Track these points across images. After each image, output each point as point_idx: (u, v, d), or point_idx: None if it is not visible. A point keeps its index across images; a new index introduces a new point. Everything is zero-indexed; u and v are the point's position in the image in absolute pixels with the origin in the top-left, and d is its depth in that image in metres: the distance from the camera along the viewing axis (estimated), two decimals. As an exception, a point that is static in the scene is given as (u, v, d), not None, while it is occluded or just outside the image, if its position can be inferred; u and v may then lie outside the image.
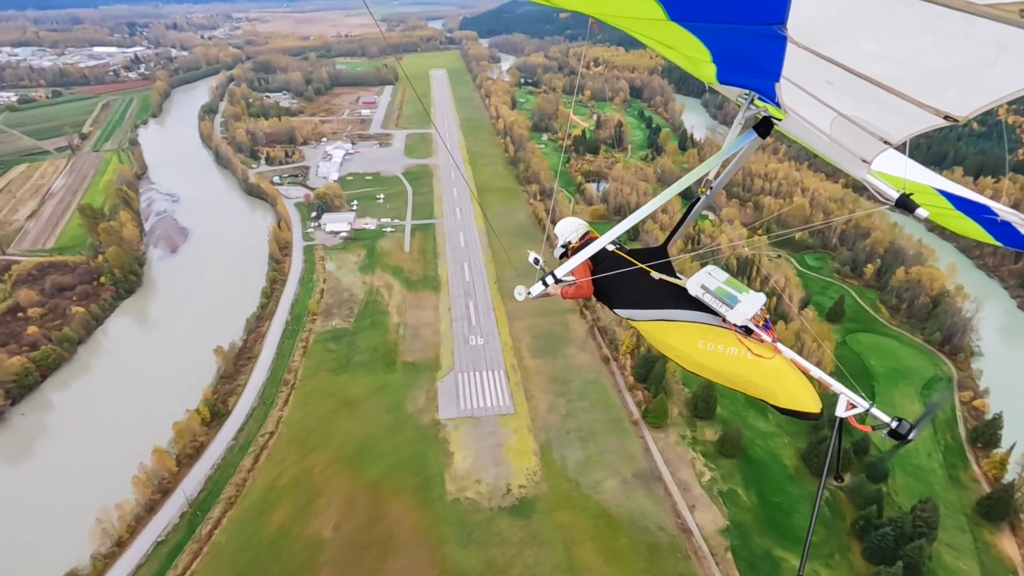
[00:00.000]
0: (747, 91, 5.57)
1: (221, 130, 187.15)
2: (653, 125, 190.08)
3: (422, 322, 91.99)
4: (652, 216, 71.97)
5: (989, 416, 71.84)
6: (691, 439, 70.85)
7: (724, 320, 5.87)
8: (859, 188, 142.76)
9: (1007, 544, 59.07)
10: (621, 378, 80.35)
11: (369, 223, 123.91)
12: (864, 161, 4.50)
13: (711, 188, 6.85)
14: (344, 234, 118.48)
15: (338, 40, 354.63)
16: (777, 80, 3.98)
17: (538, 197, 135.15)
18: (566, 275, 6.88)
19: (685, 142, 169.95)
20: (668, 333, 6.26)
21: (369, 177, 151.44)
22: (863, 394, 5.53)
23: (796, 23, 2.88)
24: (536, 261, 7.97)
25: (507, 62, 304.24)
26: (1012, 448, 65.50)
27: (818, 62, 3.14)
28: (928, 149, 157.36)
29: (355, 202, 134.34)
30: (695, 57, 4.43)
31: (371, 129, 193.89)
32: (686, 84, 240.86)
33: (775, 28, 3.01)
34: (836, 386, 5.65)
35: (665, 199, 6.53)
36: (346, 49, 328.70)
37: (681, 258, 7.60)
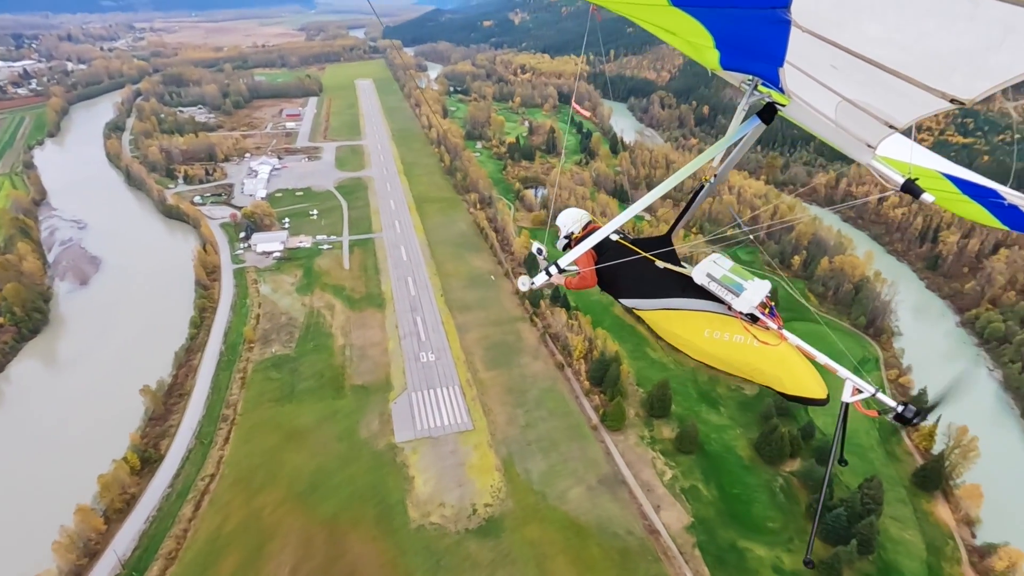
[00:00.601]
0: (750, 77, 5.46)
1: (131, 148, 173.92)
2: (584, 130, 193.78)
3: (369, 342, 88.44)
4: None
5: (914, 392, 77.34)
6: (650, 439, 71.77)
7: (730, 308, 5.82)
8: (780, 184, 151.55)
9: (942, 511, 63.48)
10: (576, 384, 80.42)
11: (304, 241, 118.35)
12: (869, 146, 4.47)
13: (715, 176, 6.74)
14: (277, 254, 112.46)
15: (255, 50, 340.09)
16: (781, 65, 3.91)
17: (478, 206, 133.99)
18: (569, 265, 6.81)
19: (616, 146, 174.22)
20: (674, 322, 6.23)
21: (300, 192, 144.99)
22: (869, 380, 5.50)
23: (800, 7, 2.89)
24: (539, 251, 7.86)
25: (435, 70, 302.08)
26: (938, 421, 70.59)
27: (822, 46, 3.10)
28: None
29: (287, 220, 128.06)
30: (697, 43, 4.37)
31: (298, 142, 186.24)
32: (612, 89, 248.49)
33: (778, 12, 3.00)
34: (842, 372, 5.60)
35: (666, 189, 6.34)
36: (264, 60, 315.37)
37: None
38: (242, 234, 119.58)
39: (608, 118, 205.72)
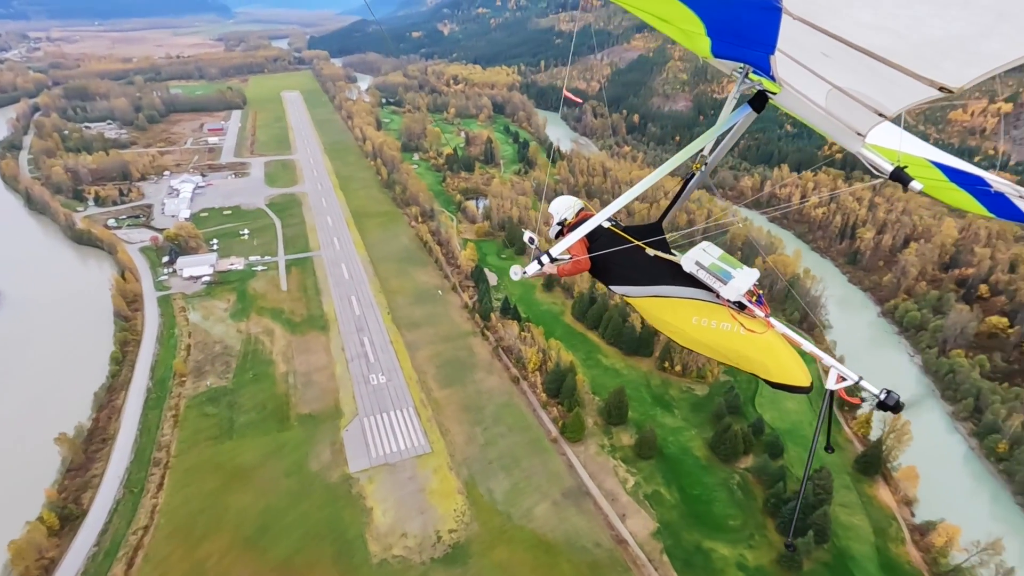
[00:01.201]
0: (741, 64, 5.45)
1: (30, 169, 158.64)
2: (521, 140, 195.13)
3: (314, 367, 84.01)
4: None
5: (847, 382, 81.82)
6: (610, 447, 71.97)
7: (718, 296, 5.87)
8: (720, 189, 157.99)
9: (883, 493, 67.29)
10: (533, 396, 79.69)
11: (235, 263, 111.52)
12: (859, 134, 4.49)
13: (706, 164, 6.78)
14: (207, 278, 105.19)
15: (169, 61, 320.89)
16: (772, 53, 3.91)
17: (420, 219, 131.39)
18: (562, 254, 6.69)
19: (553, 155, 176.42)
20: (663, 309, 6.25)
21: (228, 211, 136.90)
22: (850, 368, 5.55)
23: None
24: (531, 240, 7.83)
25: (364, 82, 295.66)
26: (872, 409, 75.07)
27: (813, 34, 3.09)
28: (757, 150, 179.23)
29: (215, 241, 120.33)
30: (690, 30, 4.35)
31: (222, 158, 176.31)
32: (544, 99, 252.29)
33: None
34: (827, 359, 5.65)
35: (658, 177, 6.33)
36: (180, 71, 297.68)
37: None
38: (166, 258, 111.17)
39: (544, 127, 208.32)
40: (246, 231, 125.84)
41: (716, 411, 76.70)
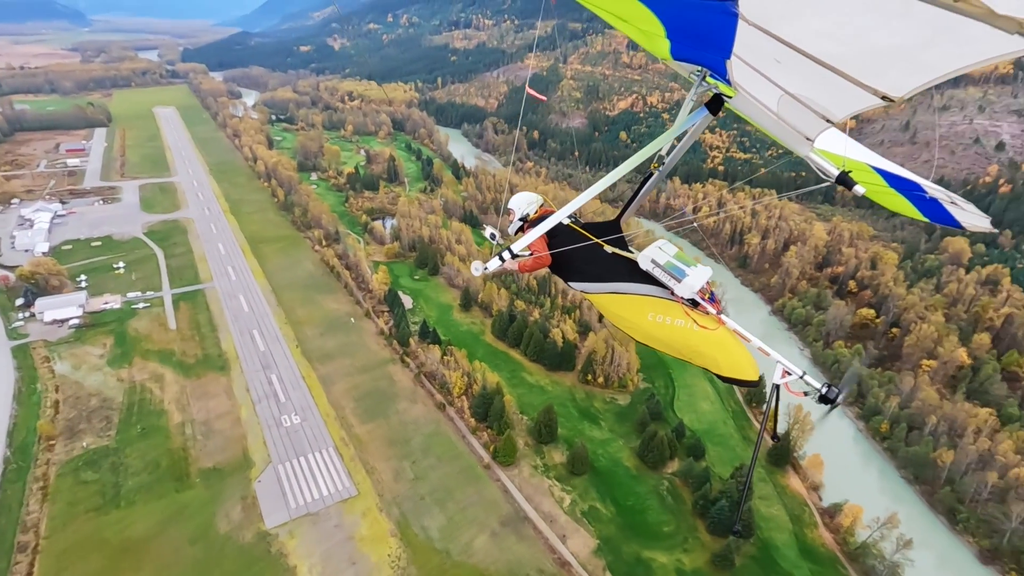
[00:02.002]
0: (699, 68, 5.54)
1: None
2: (424, 157, 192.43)
3: (215, 414, 75.62)
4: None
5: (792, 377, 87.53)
6: (543, 467, 71.26)
7: (673, 293, 6.03)
8: (610, 200, 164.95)
9: (794, 482, 72.39)
10: (461, 422, 77.25)
11: (111, 302, 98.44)
12: (808, 139, 4.63)
13: (663, 164, 6.93)
14: (75, 321, 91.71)
15: (11, 73, 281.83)
16: (728, 57, 3.96)
17: (324, 243, 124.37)
18: (523, 250, 6.76)
19: (459, 172, 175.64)
20: (620, 305, 6.35)
21: (97, 243, 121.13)
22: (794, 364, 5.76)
23: (747, 0, 3.00)
24: (492, 236, 7.75)
25: (250, 97, 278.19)
26: (777, 402, 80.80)
27: (767, 40, 3.17)
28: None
29: (83, 277, 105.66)
30: (649, 31, 4.41)
31: (86, 182, 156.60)
32: (444, 116, 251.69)
33: (727, 4, 3.11)
34: (774, 355, 5.88)
35: (616, 177, 6.42)
36: (26, 84, 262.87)
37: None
38: (20, 300, 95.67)
39: (446, 144, 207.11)
40: (121, 264, 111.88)
41: (640, 419, 78.82)
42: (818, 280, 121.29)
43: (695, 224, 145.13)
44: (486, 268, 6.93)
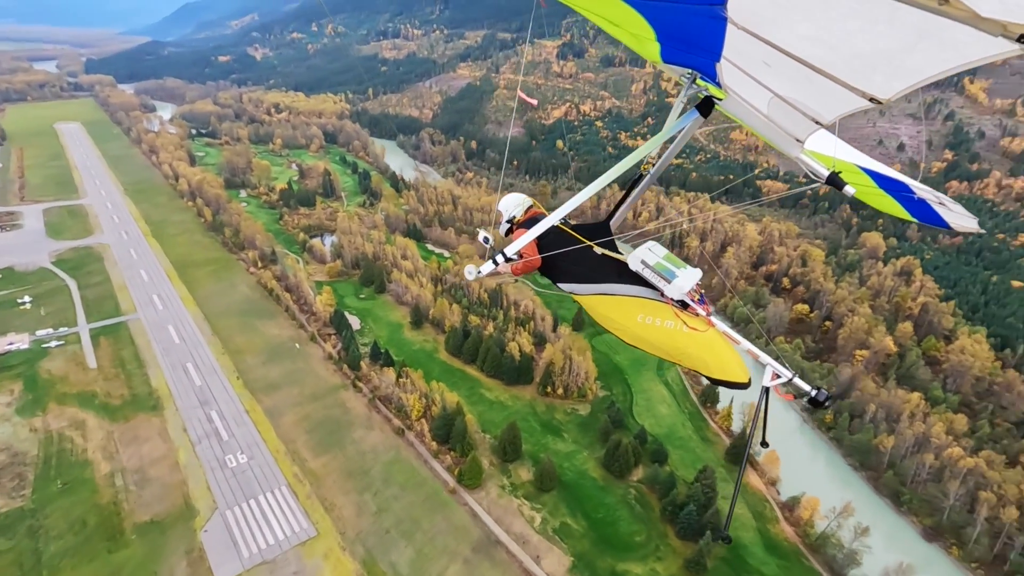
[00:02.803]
0: (689, 71, 5.56)
1: None
2: (360, 170, 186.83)
3: (149, 459, 68.97)
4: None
5: (707, 381, 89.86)
6: (510, 487, 69.68)
7: (662, 294, 6.05)
8: (551, 209, 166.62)
9: (753, 479, 74.51)
10: (422, 447, 74.43)
11: (16, 342, 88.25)
12: (798, 140, 4.68)
13: (653, 166, 6.97)
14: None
15: None
16: (718, 60, 4.02)
17: (260, 264, 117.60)
18: (515, 253, 6.73)
19: (398, 184, 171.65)
20: (609, 307, 6.36)
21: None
22: (787, 365, 5.76)
23: (736, 4, 3.06)
24: (485, 240, 7.72)
25: (166, 111, 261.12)
26: (731, 402, 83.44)
27: (757, 43, 3.22)
28: (588, 171, 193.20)
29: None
30: (640, 35, 4.42)
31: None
32: (378, 127, 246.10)
33: (716, 8, 3.19)
34: (763, 357, 5.87)
35: (608, 180, 6.27)
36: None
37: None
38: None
39: (383, 156, 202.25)
40: (27, 299, 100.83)
41: (602, 428, 78.86)
42: (755, 279, 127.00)
43: (675, 230, 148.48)
44: (480, 272, 6.82)
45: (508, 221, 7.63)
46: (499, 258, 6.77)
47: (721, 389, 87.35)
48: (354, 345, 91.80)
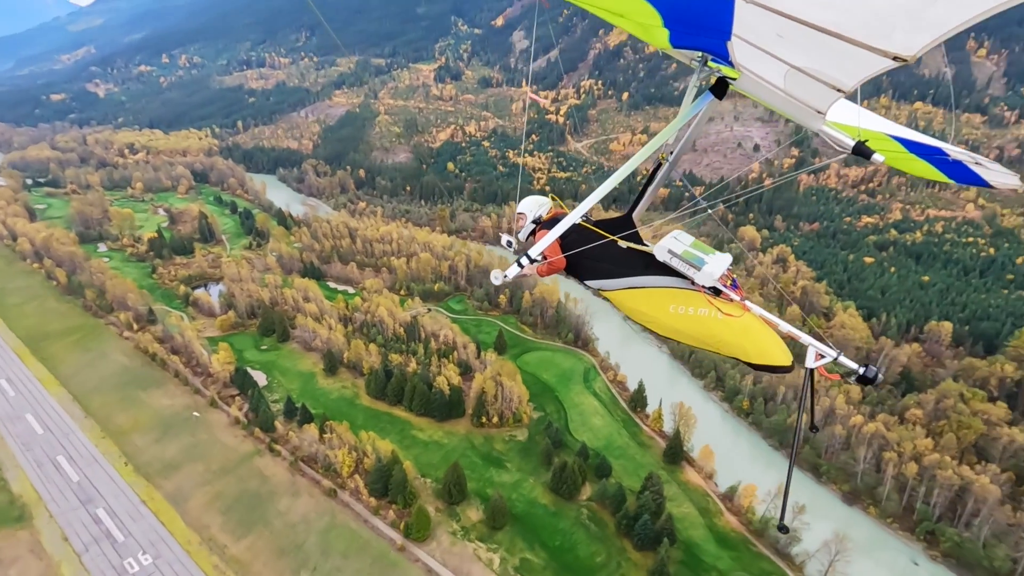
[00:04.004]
0: (700, 53, 5.46)
1: None
2: (241, 209, 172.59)
3: (21, 584, 56.71)
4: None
5: (633, 386, 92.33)
6: (462, 531, 66.02)
7: (693, 283, 5.98)
8: (464, 232, 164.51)
9: (692, 475, 77.13)
10: (359, 505, 68.49)
11: None
12: (819, 112, 4.56)
13: (671, 154, 6.83)
14: None
15: None
16: (728, 39, 3.96)
17: (135, 326, 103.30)
18: (539, 254, 6.63)
19: (286, 221, 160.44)
20: (639, 300, 6.31)
21: None
22: (831, 344, 5.63)
23: None
24: (508, 244, 7.73)
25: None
26: (660, 403, 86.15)
27: (767, 15, 3.13)
28: (483, 190, 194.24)
29: None
30: (647, 23, 4.43)
31: None
32: (254, 162, 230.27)
33: None
34: (804, 338, 5.75)
35: (627, 171, 6.02)
36: None
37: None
38: None
39: (264, 192, 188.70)
40: None
41: (544, 451, 77.71)
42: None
43: (709, 212, 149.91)
44: (506, 276, 6.72)
45: (534, 222, 7.50)
46: (524, 260, 6.63)
47: (647, 393, 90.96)
48: (264, 404, 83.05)
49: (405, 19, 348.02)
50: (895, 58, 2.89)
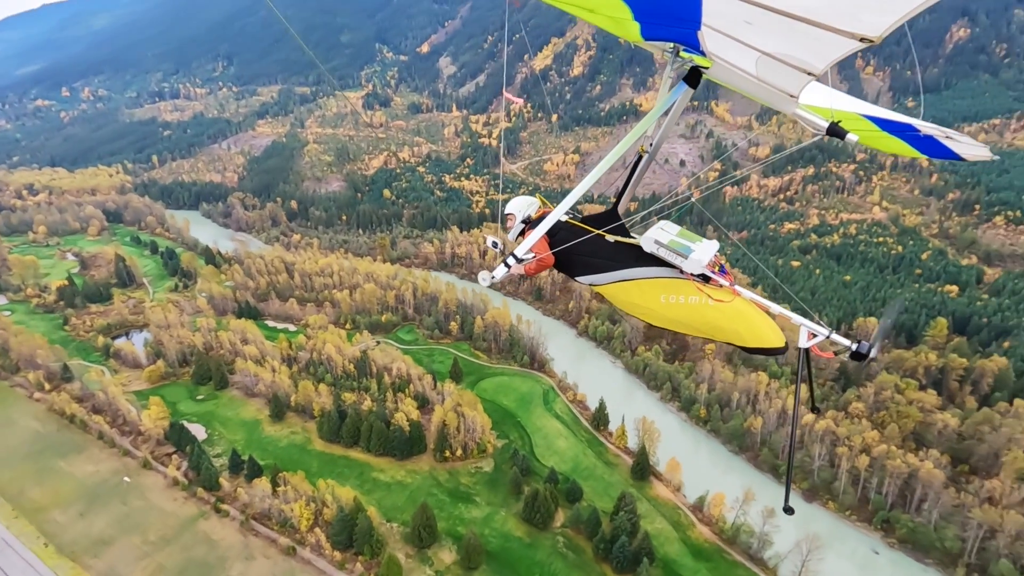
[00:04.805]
0: (672, 44, 5.56)
1: None
2: (162, 249, 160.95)
3: None
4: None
5: (594, 405, 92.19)
6: None
7: (681, 271, 6.03)
8: (407, 259, 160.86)
9: (661, 490, 77.44)
10: (322, 560, 63.87)
11: None
12: (792, 96, 4.65)
13: (651, 145, 6.87)
14: None
15: None
16: (699, 28, 4.02)
17: (48, 386, 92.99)
18: (526, 253, 6.61)
19: (215, 259, 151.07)
20: (631, 292, 6.37)
21: None
22: (822, 323, 5.73)
23: None
24: (495, 244, 7.64)
25: None
26: (622, 421, 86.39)
27: (735, 3, 3.16)
28: (421, 216, 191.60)
29: None
30: (617, 17, 4.48)
31: None
32: (173, 198, 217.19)
33: None
34: (796, 319, 5.83)
35: (607, 165, 6.27)
36: None
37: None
38: None
39: (188, 230, 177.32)
40: None
41: (512, 480, 75.77)
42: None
43: (693, 201, 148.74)
44: (494, 277, 6.68)
45: (522, 222, 7.44)
46: (511, 260, 6.60)
47: (609, 410, 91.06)
48: (205, 460, 76.47)
49: (328, 47, 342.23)
50: (862, 39, 2.90)
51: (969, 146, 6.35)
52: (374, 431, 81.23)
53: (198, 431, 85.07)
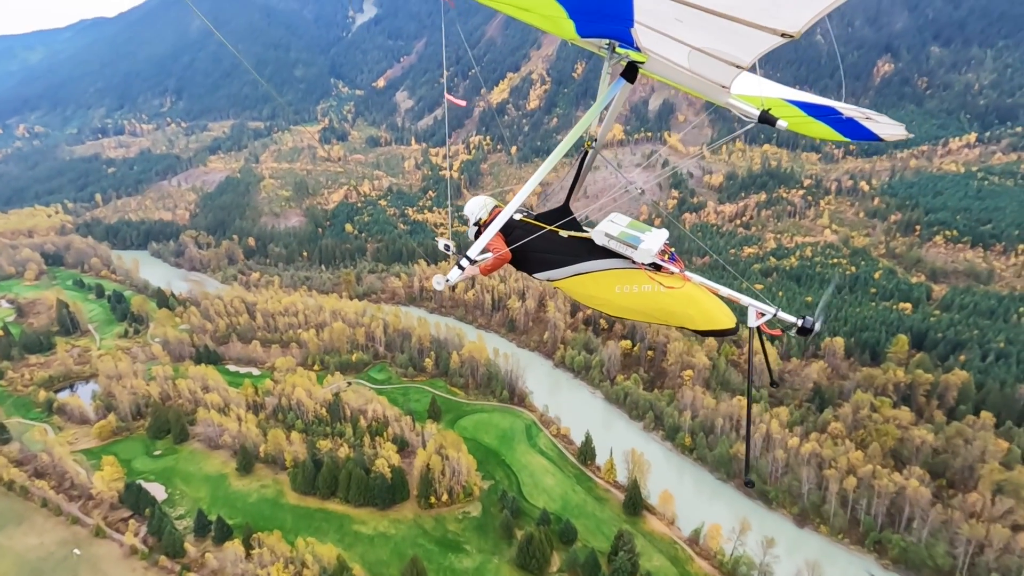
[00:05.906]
0: (607, 41, 5.75)
1: None
2: (109, 293, 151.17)
3: None
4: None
5: (579, 438, 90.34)
6: (431, 635, 58.67)
7: (633, 261, 6.16)
8: (374, 294, 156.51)
9: (655, 524, 75.74)
10: (305, 628, 58.61)
11: None
12: (724, 87, 4.77)
13: (595, 141, 7.12)
14: None
15: None
16: (632, 26, 4.14)
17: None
18: (480, 254, 6.77)
19: (168, 301, 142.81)
20: (587, 285, 6.49)
21: None
22: (768, 301, 5.94)
23: None
24: (447, 247, 7.52)
25: None
26: (611, 454, 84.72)
27: (664, 2, 3.26)
28: (387, 250, 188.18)
29: None
30: (552, 15, 4.56)
31: None
32: (120, 237, 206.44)
33: None
34: (744, 299, 6.01)
35: (553, 162, 6.41)
36: None
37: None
38: None
39: (137, 271, 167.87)
40: None
41: (502, 524, 72.65)
42: (576, 325, 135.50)
43: (641, 192, 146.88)
44: (448, 280, 6.68)
45: (475, 224, 7.52)
46: (464, 262, 6.62)
47: (595, 444, 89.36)
48: (167, 523, 70.18)
49: (281, 81, 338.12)
50: (783, 34, 3.02)
51: (887, 126, 6.61)
52: (353, 479, 76.72)
53: (157, 491, 78.26)
